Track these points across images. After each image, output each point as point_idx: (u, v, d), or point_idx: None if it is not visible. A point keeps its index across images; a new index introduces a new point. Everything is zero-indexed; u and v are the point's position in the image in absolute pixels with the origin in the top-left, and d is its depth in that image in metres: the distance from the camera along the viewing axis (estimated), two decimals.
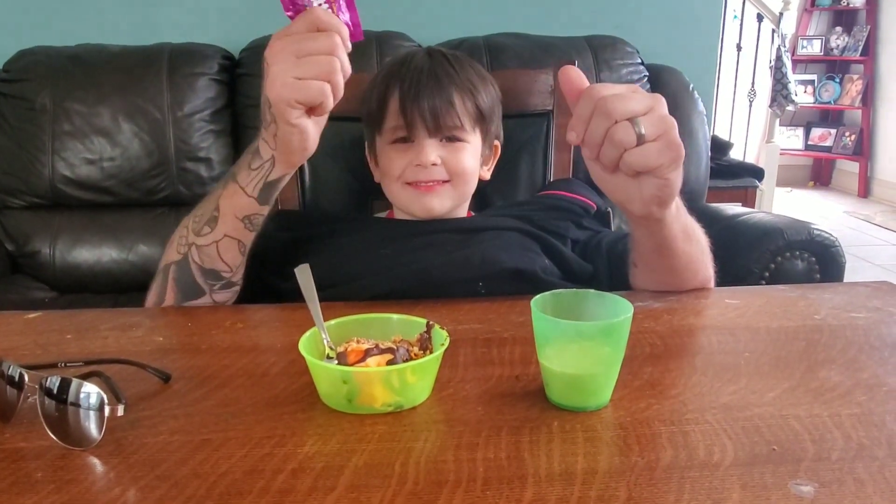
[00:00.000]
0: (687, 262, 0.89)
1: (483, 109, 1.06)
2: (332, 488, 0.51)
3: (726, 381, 0.67)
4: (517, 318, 0.84)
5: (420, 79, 1.02)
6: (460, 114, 1.03)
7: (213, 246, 0.85)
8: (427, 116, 1.01)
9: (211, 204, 0.86)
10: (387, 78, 1.05)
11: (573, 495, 0.50)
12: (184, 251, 0.87)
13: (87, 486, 0.51)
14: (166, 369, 0.69)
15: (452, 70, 1.05)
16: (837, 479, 0.51)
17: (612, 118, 0.67)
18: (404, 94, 1.02)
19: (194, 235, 0.87)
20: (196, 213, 0.89)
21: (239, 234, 0.86)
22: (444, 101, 1.02)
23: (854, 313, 0.85)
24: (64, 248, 1.89)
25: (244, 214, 0.85)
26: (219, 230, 0.85)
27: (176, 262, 0.88)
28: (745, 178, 2.97)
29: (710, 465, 0.53)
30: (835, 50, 5.52)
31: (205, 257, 0.86)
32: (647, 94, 0.69)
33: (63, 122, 1.85)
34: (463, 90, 1.04)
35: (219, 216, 0.85)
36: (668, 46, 2.23)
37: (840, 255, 1.59)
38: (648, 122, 0.68)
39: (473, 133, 1.06)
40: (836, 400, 0.64)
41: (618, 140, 0.67)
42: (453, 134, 1.03)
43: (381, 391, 0.60)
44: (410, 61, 1.06)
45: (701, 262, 0.91)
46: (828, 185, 5.88)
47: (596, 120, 0.68)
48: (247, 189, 0.83)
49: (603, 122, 0.68)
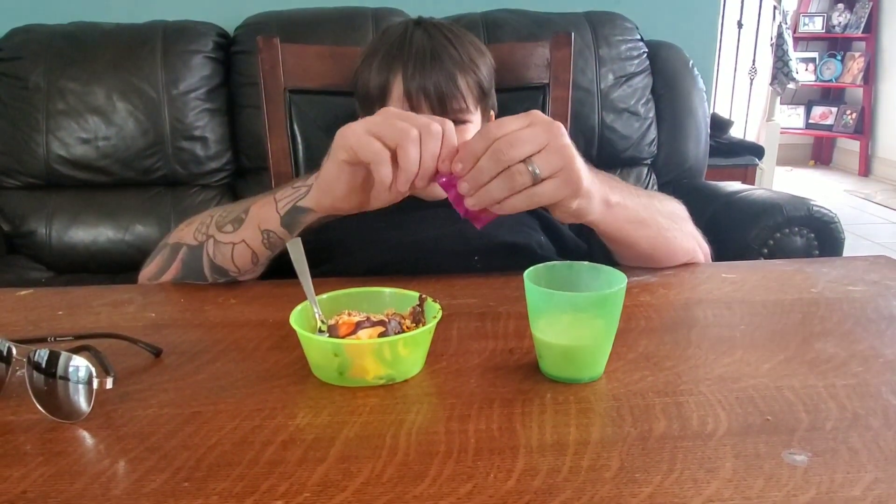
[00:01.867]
0: (650, 247, 0.88)
1: (484, 86, 1.04)
2: (322, 459, 0.50)
3: (721, 353, 0.67)
4: (512, 293, 0.83)
5: (423, 62, 0.99)
6: (465, 96, 1.01)
7: (229, 246, 0.84)
8: (434, 103, 0.99)
9: (244, 205, 0.85)
10: (387, 59, 1.02)
11: (565, 465, 0.49)
12: (201, 239, 0.86)
13: (76, 458, 0.51)
14: (158, 344, 0.68)
15: (453, 48, 1.02)
16: (831, 448, 0.51)
17: (506, 164, 0.65)
18: (408, 79, 0.99)
19: (216, 229, 0.85)
20: (228, 206, 0.88)
21: (255, 245, 0.84)
22: (451, 86, 0.99)
23: (851, 286, 0.85)
24: (60, 229, 1.88)
25: (266, 228, 0.82)
26: (239, 234, 0.83)
27: (189, 246, 0.87)
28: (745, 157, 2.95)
29: (703, 436, 0.53)
30: (836, 27, 5.47)
31: (218, 254, 0.84)
32: (542, 127, 0.67)
33: (57, 100, 1.84)
34: (465, 70, 1.02)
35: (245, 220, 0.83)
36: (667, 23, 2.20)
37: (839, 231, 1.58)
38: (544, 161, 0.66)
39: (475, 112, 1.04)
40: (832, 371, 0.63)
41: (513, 185, 0.66)
42: (458, 116, 1.02)
43: (372, 364, 0.60)
44: (410, 40, 1.02)
45: (672, 242, 0.89)
46: (828, 163, 5.86)
47: (488, 163, 0.66)
48: (278, 204, 0.81)
49: (494, 166, 0.66)
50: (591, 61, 1.94)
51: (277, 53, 1.17)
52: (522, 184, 0.66)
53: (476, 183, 0.67)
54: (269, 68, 1.17)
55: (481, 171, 0.66)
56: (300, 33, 1.86)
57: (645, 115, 1.98)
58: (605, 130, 1.93)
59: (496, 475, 0.48)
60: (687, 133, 2.03)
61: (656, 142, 2.01)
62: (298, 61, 1.19)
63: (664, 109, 2.02)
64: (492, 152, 0.65)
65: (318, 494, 0.47)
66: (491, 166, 0.66)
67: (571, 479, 0.48)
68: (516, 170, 0.66)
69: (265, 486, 0.47)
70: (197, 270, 0.86)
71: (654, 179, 2.03)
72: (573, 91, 1.23)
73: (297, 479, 0.48)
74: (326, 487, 0.47)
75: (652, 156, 2.02)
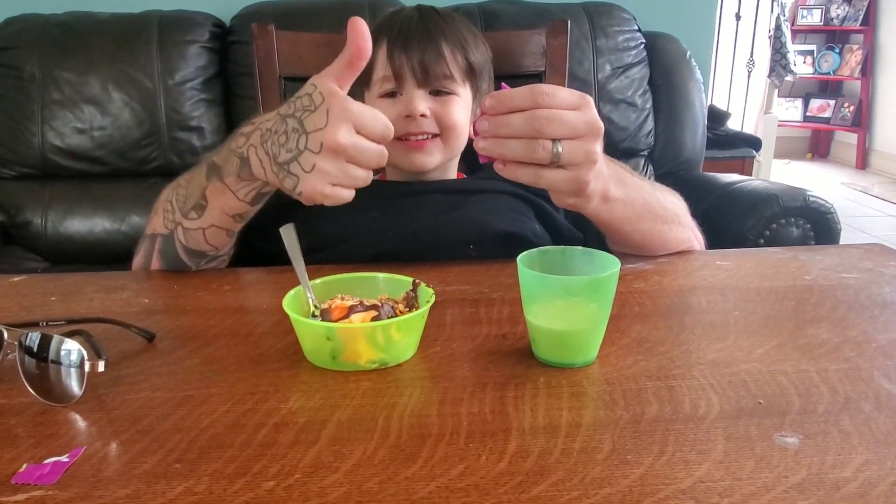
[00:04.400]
0: (643, 240, 0.88)
1: (474, 64, 1.04)
2: (314, 442, 0.50)
3: (714, 338, 0.67)
4: (506, 280, 0.83)
5: (409, 29, 1.00)
6: (450, 64, 1.01)
7: (199, 231, 0.82)
8: (416, 66, 0.98)
9: (196, 189, 0.81)
10: (375, 32, 1.03)
11: (556, 447, 0.49)
12: (170, 227, 0.84)
13: (67, 441, 0.51)
14: (151, 329, 0.68)
15: (443, 23, 1.02)
16: (822, 430, 0.51)
17: (536, 134, 0.64)
18: (392, 44, 0.99)
19: (181, 216, 0.82)
20: (180, 190, 0.83)
21: (227, 225, 0.82)
22: (434, 52, 0.99)
23: (845, 274, 0.85)
24: (56, 219, 1.88)
25: (234, 213, 0.80)
26: (206, 219, 0.81)
27: (163, 236, 0.86)
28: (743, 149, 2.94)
29: (695, 418, 0.53)
30: (835, 20, 5.46)
31: (190, 239, 0.83)
32: (587, 120, 0.66)
33: (52, 90, 1.83)
34: (453, 43, 1.02)
35: (206, 207, 0.80)
36: (665, 14, 2.20)
37: (835, 221, 1.58)
38: (569, 151, 0.65)
39: (463, 86, 1.04)
40: (824, 356, 0.63)
41: (531, 155, 0.65)
42: (443, 85, 1.01)
43: (365, 348, 0.60)
44: (399, 14, 1.04)
45: (666, 235, 0.89)
46: (826, 156, 5.86)
47: (520, 123, 0.64)
48: (238, 194, 0.78)
49: (524, 129, 0.64)
50: (588, 52, 1.94)
51: (272, 41, 1.17)
52: (539, 159, 0.65)
53: (496, 132, 0.65)
54: (263, 56, 1.17)
55: (510, 126, 0.65)
56: (296, 23, 1.85)
57: (642, 106, 1.98)
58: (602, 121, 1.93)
59: (488, 457, 0.48)
60: (684, 124, 2.03)
61: (653, 133, 2.01)
62: (294, 49, 1.19)
63: (661, 100, 2.02)
64: (530, 115, 0.64)
65: (309, 475, 0.47)
66: (521, 127, 0.64)
67: (563, 461, 0.48)
68: (541, 144, 0.65)
69: (257, 467, 0.47)
70: (175, 258, 0.85)
71: (651, 170, 2.03)
72: (569, 81, 1.22)
73: (289, 461, 0.48)
74: (318, 469, 0.47)
75: (649, 147, 2.02)
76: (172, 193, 0.85)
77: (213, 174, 0.78)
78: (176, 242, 0.84)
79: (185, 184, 0.83)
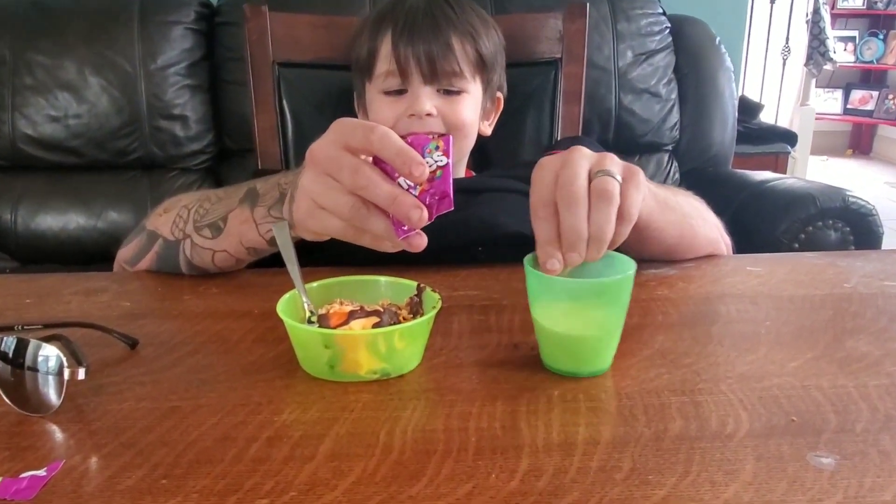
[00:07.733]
0: (678, 234, 0.87)
1: (485, 56, 1.05)
2: (310, 457, 0.51)
3: (744, 350, 0.68)
4: (517, 285, 0.83)
5: (415, 19, 1.01)
6: (459, 59, 1.02)
7: (209, 252, 0.83)
8: (422, 61, 1.00)
9: (220, 209, 0.82)
10: (378, 19, 1.04)
11: (572, 466, 0.50)
12: (178, 236, 0.85)
13: (44, 453, 0.52)
14: (133, 335, 0.69)
15: (451, 11, 1.03)
16: (861, 451, 0.52)
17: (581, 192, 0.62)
18: (397, 35, 1.00)
19: (193, 229, 0.84)
20: (206, 203, 0.84)
21: (239, 255, 0.84)
22: (442, 45, 1.00)
23: (888, 282, 0.85)
24: (27, 214, 1.89)
25: (250, 245, 0.82)
26: (220, 243, 0.82)
27: (166, 240, 0.86)
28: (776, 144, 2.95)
29: (722, 436, 0.54)
30: (878, 3, 5.46)
31: (196, 256, 0.84)
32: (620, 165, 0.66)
33: (24, 75, 1.84)
34: (463, 33, 1.03)
35: (224, 230, 0.81)
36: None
37: (877, 224, 1.58)
38: (609, 166, 0.65)
39: (473, 82, 1.05)
40: (864, 371, 0.64)
41: (607, 202, 0.63)
42: (451, 83, 1.02)
43: (366, 357, 0.61)
44: (405, 1, 1.05)
45: (696, 230, 0.89)
46: (868, 153, 5.86)
47: (567, 209, 0.62)
48: (260, 229, 0.79)
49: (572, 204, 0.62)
50: (608, 37, 1.94)
51: (266, 22, 1.18)
52: (612, 195, 0.63)
53: (574, 244, 0.62)
54: (256, 39, 1.18)
55: (574, 227, 0.62)
56: (291, 3, 1.86)
57: (666, 96, 1.98)
58: (622, 113, 1.93)
59: (498, 475, 0.49)
60: (712, 117, 2.03)
61: (678, 126, 2.01)
62: (288, 31, 1.20)
63: (688, 91, 2.02)
64: (561, 196, 0.63)
65: (305, 493, 0.47)
66: (572, 207, 0.62)
67: (579, 481, 0.49)
68: (602, 185, 0.62)
69: (249, 484, 0.48)
70: (173, 265, 0.87)
71: (676, 167, 2.03)
72: (588, 69, 1.23)
73: (284, 478, 0.49)
74: (315, 486, 0.48)
75: (674, 141, 2.02)
76: (194, 202, 0.85)
77: (248, 200, 0.79)
78: (180, 254, 0.86)
79: (214, 199, 0.84)
